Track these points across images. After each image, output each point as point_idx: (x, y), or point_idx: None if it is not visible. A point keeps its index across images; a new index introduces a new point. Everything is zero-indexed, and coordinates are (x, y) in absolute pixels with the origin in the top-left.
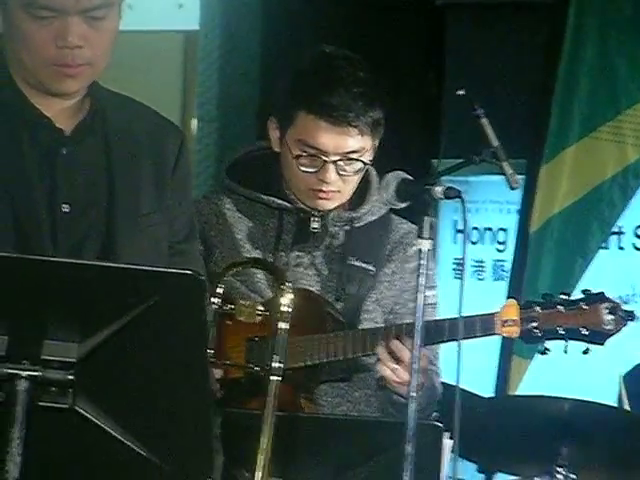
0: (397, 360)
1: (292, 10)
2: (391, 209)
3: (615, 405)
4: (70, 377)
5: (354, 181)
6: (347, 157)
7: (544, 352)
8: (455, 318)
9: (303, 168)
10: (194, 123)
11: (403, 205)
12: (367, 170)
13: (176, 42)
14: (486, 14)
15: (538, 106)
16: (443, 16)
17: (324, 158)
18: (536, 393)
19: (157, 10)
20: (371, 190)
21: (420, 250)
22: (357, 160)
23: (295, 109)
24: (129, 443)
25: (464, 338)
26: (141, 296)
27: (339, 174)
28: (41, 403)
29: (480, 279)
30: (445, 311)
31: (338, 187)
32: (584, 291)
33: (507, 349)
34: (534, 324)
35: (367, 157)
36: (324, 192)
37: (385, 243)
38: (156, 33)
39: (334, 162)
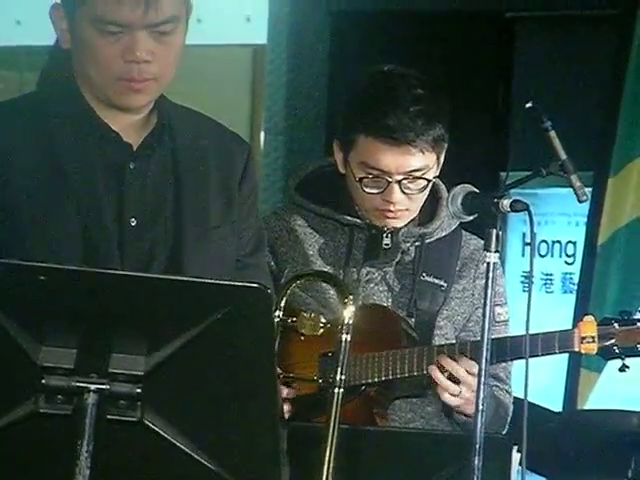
0: (456, 381)
1: (360, 23)
2: (460, 224)
3: None
4: (138, 390)
5: (420, 198)
6: (411, 176)
7: (623, 369)
8: (532, 334)
9: (368, 190)
10: (262, 136)
11: (470, 218)
12: (437, 185)
13: (244, 56)
14: (555, 26)
15: (606, 118)
16: (512, 28)
17: (388, 179)
18: (605, 407)
19: (226, 24)
20: (441, 206)
21: (487, 263)
22: (421, 178)
23: (354, 133)
24: (198, 456)
25: (542, 354)
26: (209, 309)
27: (404, 193)
28: (109, 416)
29: (549, 292)
30: (514, 323)
31: (405, 205)
32: None
33: (575, 363)
34: (613, 341)
35: (431, 174)
36: (391, 212)
37: (455, 259)
38: (224, 47)
39: (398, 182)
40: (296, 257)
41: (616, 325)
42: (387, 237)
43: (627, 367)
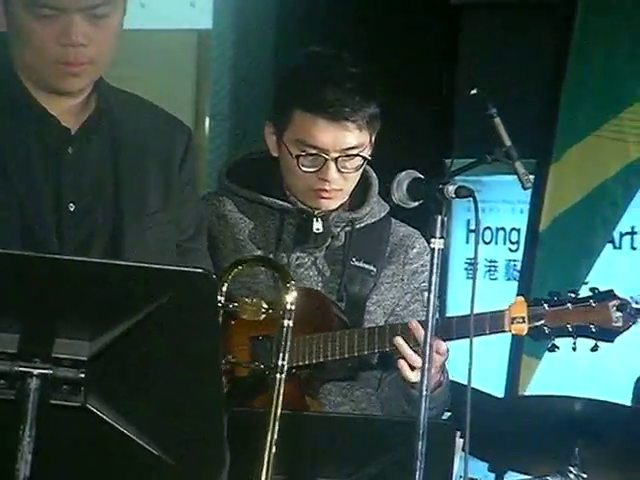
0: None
1: (305, 9)
2: (390, 212)
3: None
4: (81, 375)
5: (354, 178)
6: (347, 153)
7: (552, 349)
8: (464, 316)
9: (304, 168)
10: (207, 122)
11: (415, 204)
12: (367, 172)
13: (189, 41)
14: (500, 13)
15: (548, 106)
16: (458, 15)
17: (325, 156)
18: (547, 393)
19: (170, 9)
20: (371, 191)
21: (433, 249)
22: (357, 155)
23: (291, 109)
24: (141, 442)
25: (474, 336)
26: (153, 294)
27: (340, 171)
28: (52, 401)
29: (493, 279)
30: (457, 310)
31: (340, 185)
32: (592, 289)
33: (517, 348)
34: (543, 321)
35: (366, 153)
36: (326, 191)
37: (385, 244)
38: (169, 32)
39: (335, 159)
40: (226, 242)
41: (546, 306)
42: (318, 222)
43: (557, 347)
